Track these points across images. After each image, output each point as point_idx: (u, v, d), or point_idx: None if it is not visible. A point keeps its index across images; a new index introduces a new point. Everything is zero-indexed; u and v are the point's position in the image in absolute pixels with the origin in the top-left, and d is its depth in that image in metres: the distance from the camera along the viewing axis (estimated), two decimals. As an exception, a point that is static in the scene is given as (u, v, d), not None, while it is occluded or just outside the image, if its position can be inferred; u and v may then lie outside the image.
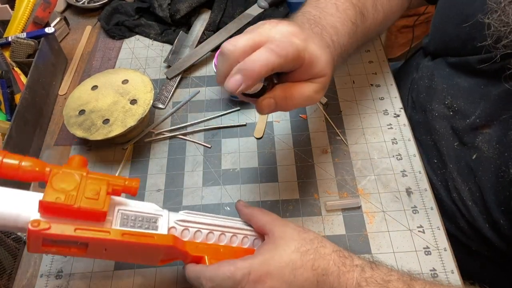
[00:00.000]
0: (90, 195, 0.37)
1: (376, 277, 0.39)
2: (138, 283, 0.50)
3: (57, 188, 0.36)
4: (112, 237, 0.37)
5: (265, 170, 0.59)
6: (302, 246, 0.41)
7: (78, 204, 0.36)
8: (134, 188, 0.41)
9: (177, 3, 0.75)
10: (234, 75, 0.36)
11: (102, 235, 0.36)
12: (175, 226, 0.42)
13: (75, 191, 0.37)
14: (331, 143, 0.61)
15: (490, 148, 0.51)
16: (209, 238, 0.44)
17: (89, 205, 0.36)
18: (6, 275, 0.50)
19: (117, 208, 0.40)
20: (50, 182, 0.37)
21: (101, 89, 0.62)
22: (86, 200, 0.36)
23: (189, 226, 0.43)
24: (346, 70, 0.69)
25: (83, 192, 0.37)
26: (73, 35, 0.80)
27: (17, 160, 0.37)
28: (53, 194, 0.36)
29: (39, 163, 0.38)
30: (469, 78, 0.54)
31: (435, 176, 0.59)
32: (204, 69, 0.72)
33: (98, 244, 0.37)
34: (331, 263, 0.40)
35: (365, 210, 0.54)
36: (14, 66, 0.66)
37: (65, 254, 0.38)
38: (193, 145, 0.62)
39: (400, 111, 0.64)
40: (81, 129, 0.58)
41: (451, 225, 0.58)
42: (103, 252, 0.38)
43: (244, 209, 0.47)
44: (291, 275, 0.40)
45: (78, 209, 0.36)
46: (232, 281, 0.39)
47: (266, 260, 0.40)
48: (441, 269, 0.49)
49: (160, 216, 0.42)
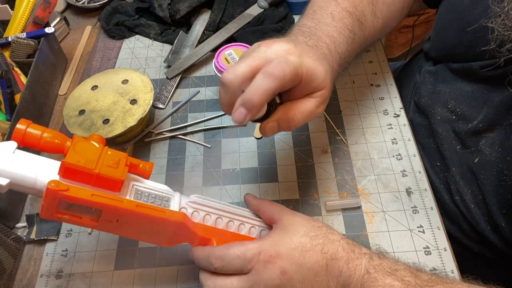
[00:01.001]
0: (110, 163, 0.38)
1: (384, 265, 0.40)
2: (138, 283, 0.50)
3: (79, 153, 0.37)
4: (125, 206, 0.37)
5: (265, 170, 0.59)
6: (311, 231, 0.42)
7: (98, 170, 0.37)
8: (148, 171, 0.42)
9: (177, 3, 0.75)
10: (238, 108, 0.37)
11: (117, 203, 0.37)
12: (185, 207, 0.43)
13: (96, 157, 0.38)
14: (331, 143, 0.61)
15: (492, 152, 0.51)
16: (218, 223, 0.45)
17: (108, 172, 0.37)
18: (6, 275, 0.50)
19: (132, 183, 0.41)
20: (73, 147, 0.38)
21: (101, 89, 0.62)
22: (106, 167, 0.38)
23: (199, 209, 0.44)
24: (346, 70, 0.69)
25: (103, 160, 0.38)
26: (73, 35, 0.80)
27: (39, 130, 0.38)
28: (75, 157, 0.37)
29: (60, 136, 0.39)
30: (472, 83, 0.54)
31: (437, 179, 0.59)
32: (204, 69, 0.72)
33: (111, 213, 0.38)
34: (340, 248, 0.41)
35: (365, 210, 0.54)
36: (14, 66, 0.66)
37: (77, 223, 0.38)
38: (193, 145, 0.62)
39: (400, 111, 0.64)
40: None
41: (454, 227, 0.58)
42: (114, 224, 0.39)
43: (252, 200, 0.48)
44: (301, 257, 0.40)
45: (97, 175, 0.37)
46: (243, 260, 0.40)
47: (276, 241, 0.41)
48: (441, 269, 0.49)
49: (172, 196, 0.43)
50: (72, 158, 0.37)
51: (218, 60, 0.62)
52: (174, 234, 0.42)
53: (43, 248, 0.54)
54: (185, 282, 0.50)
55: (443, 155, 0.58)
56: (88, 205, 0.37)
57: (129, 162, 0.40)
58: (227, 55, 0.62)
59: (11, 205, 0.55)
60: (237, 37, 0.73)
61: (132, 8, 0.79)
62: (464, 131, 0.54)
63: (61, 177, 0.37)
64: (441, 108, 0.58)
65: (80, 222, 0.38)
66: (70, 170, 0.37)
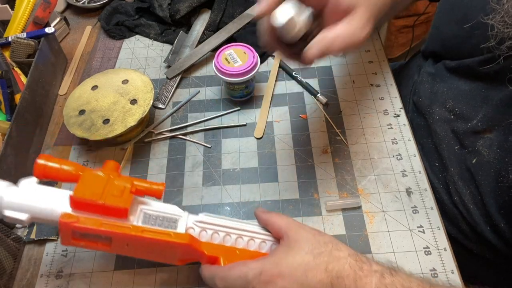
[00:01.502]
0: (114, 193, 0.40)
1: (396, 283, 0.38)
2: (138, 283, 0.50)
3: (86, 185, 0.40)
4: (132, 232, 0.40)
5: (265, 170, 0.59)
6: (316, 248, 0.41)
7: (103, 200, 0.40)
8: (159, 192, 0.43)
9: (177, 3, 0.75)
10: None
11: (124, 230, 0.40)
12: (193, 227, 0.44)
13: (101, 188, 0.40)
14: (331, 143, 0.61)
15: (490, 153, 0.51)
16: (226, 240, 0.45)
17: (113, 202, 0.40)
18: (6, 275, 0.50)
19: (140, 207, 0.43)
20: (81, 180, 0.41)
21: (101, 89, 0.62)
22: (110, 197, 0.40)
23: (207, 228, 0.45)
24: (346, 70, 0.69)
25: (109, 190, 0.40)
26: (73, 35, 0.80)
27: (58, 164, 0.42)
28: (81, 190, 0.40)
29: (76, 166, 0.42)
30: (469, 81, 0.54)
31: (436, 179, 0.59)
32: (204, 69, 0.72)
33: (120, 239, 0.40)
34: (346, 266, 0.40)
35: (365, 210, 0.54)
36: (14, 66, 0.66)
37: (93, 248, 0.42)
38: (193, 145, 0.62)
39: (400, 111, 0.64)
40: (81, 129, 0.58)
41: (453, 228, 0.58)
42: (125, 247, 0.42)
43: (262, 215, 0.47)
44: (303, 275, 0.39)
45: (103, 205, 0.39)
46: (244, 281, 0.39)
47: (278, 260, 0.40)
48: (441, 269, 0.49)
49: (180, 217, 0.44)
50: (79, 191, 0.40)
51: (218, 60, 0.62)
52: (183, 254, 0.43)
53: (43, 248, 0.54)
54: (185, 282, 0.50)
55: (441, 156, 0.57)
56: (98, 233, 0.40)
57: (135, 188, 0.42)
58: (227, 55, 0.62)
59: (11, 205, 0.55)
60: (237, 37, 0.73)
61: (132, 8, 0.79)
62: (463, 131, 0.54)
63: (73, 209, 0.40)
64: (440, 108, 0.58)
65: (95, 247, 0.41)
66: (79, 202, 0.40)
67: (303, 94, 0.67)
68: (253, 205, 0.56)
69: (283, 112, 0.65)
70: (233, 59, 0.62)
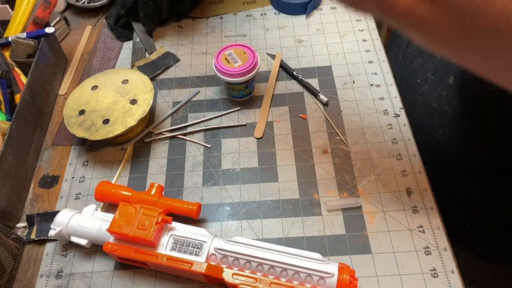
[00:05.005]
0: (140, 226, 0.47)
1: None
2: (138, 283, 0.50)
3: (121, 218, 0.47)
4: (158, 261, 0.46)
5: (265, 170, 0.59)
6: None
7: (132, 233, 0.46)
8: (194, 211, 0.51)
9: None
10: None
11: (150, 258, 0.46)
12: (215, 253, 0.47)
13: (132, 221, 0.47)
14: (331, 143, 0.61)
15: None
16: (247, 267, 0.46)
17: (139, 234, 0.46)
18: (6, 275, 0.50)
19: (170, 233, 0.48)
20: (115, 215, 0.48)
21: (101, 89, 0.62)
22: (137, 230, 0.46)
23: (227, 255, 0.46)
24: (346, 70, 0.69)
25: (137, 223, 0.47)
26: (73, 35, 0.80)
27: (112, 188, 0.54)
28: (116, 224, 0.47)
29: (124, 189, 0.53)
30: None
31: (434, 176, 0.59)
32: (204, 69, 0.72)
33: (151, 264, 0.47)
34: None
35: (365, 210, 0.54)
36: (14, 66, 0.66)
37: (137, 265, 0.50)
38: (193, 145, 0.62)
39: (400, 111, 0.64)
40: (81, 129, 0.58)
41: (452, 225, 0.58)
42: (160, 268, 0.49)
43: None
44: None
45: (132, 237, 0.46)
46: None
47: None
48: (441, 269, 0.49)
49: (205, 242, 0.47)
50: (113, 225, 0.47)
51: (218, 60, 0.62)
52: (206, 277, 0.47)
53: (43, 248, 0.54)
54: (185, 282, 0.50)
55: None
56: (132, 259, 0.47)
57: (161, 219, 0.47)
58: (227, 55, 0.62)
59: (11, 205, 0.55)
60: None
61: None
62: None
63: (114, 238, 0.48)
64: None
65: (139, 265, 0.49)
66: (115, 234, 0.47)
67: (303, 94, 0.67)
68: (253, 205, 0.56)
69: (283, 112, 0.65)
70: (233, 59, 0.62)
